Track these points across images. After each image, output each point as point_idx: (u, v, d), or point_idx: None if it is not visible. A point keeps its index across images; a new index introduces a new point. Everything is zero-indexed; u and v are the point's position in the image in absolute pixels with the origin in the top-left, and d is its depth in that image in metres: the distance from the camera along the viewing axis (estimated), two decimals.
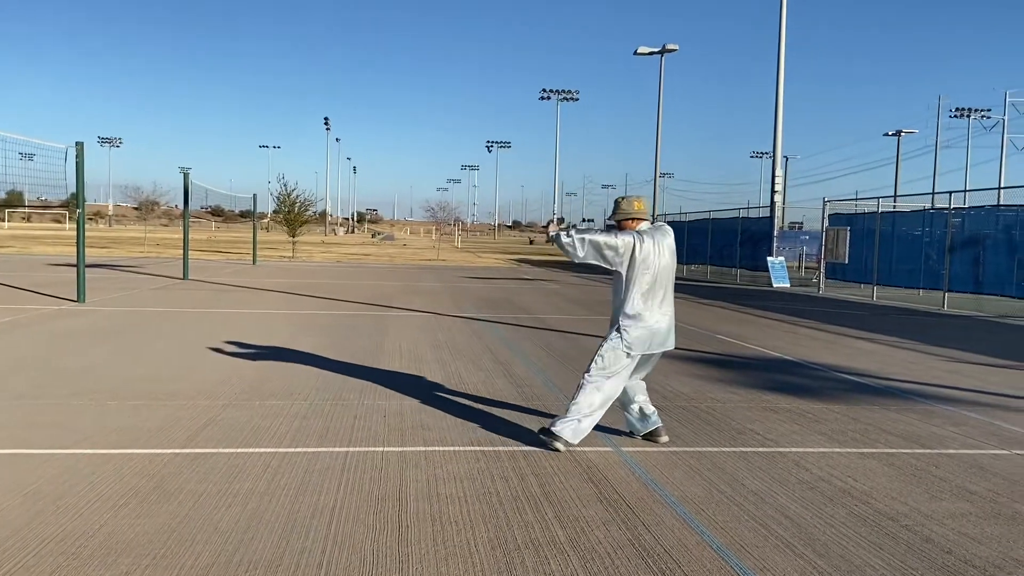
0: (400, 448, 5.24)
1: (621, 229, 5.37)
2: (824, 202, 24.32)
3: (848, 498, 4.50)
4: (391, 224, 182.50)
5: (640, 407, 5.52)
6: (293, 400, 6.58)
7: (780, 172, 35.53)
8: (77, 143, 13.37)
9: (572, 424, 5.23)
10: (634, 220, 5.39)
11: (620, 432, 5.77)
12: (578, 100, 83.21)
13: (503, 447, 5.35)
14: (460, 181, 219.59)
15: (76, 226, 13.83)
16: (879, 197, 22.43)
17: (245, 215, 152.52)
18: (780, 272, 25.72)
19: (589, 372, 5.28)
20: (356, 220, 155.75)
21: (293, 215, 39.71)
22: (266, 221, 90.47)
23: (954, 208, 19.34)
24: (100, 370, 7.66)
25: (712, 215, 32.63)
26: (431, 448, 5.26)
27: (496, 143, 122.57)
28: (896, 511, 4.30)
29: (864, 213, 23.49)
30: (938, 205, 21.54)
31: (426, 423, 5.93)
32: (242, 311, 13.47)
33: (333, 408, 6.34)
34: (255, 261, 31.13)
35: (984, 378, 8.84)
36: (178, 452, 5.00)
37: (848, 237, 22.68)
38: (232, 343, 9.62)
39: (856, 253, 22.80)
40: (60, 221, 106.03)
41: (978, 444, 5.83)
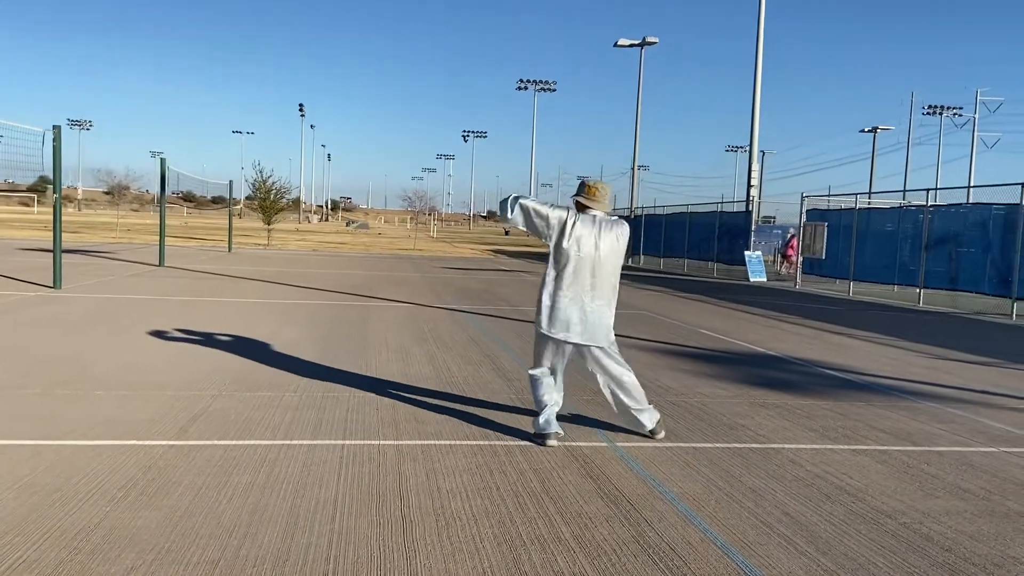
0: (396, 441, 5.21)
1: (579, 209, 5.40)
2: (802, 197, 24.53)
3: (845, 495, 4.55)
4: (365, 212, 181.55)
5: (617, 410, 5.55)
6: (283, 391, 6.52)
7: (756, 166, 35.82)
8: (54, 127, 13.13)
9: (544, 415, 5.33)
10: (586, 203, 5.38)
11: (614, 427, 5.79)
12: (555, 91, 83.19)
13: (498, 441, 5.34)
14: (435, 170, 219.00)
15: (53, 211, 13.60)
16: (856, 193, 22.67)
17: (217, 201, 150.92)
18: (757, 266, 25.93)
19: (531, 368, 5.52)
20: (330, 208, 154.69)
21: (269, 202, 39.35)
22: (239, 208, 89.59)
23: (931, 205, 19.58)
24: (83, 359, 7.54)
25: (690, 208, 32.79)
26: (427, 442, 5.24)
27: (472, 132, 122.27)
28: (893, 508, 4.35)
29: (841, 209, 23.72)
30: (914, 202, 21.80)
31: (419, 416, 5.91)
32: (223, 300, 13.33)
33: (324, 400, 6.29)
34: (230, 248, 30.83)
35: (964, 375, 8.97)
36: (172, 444, 4.93)
37: (825, 233, 22.90)
38: (216, 332, 9.52)
39: (832, 248, 23.04)
40: (28, 204, 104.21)
41: (965, 441, 5.91)
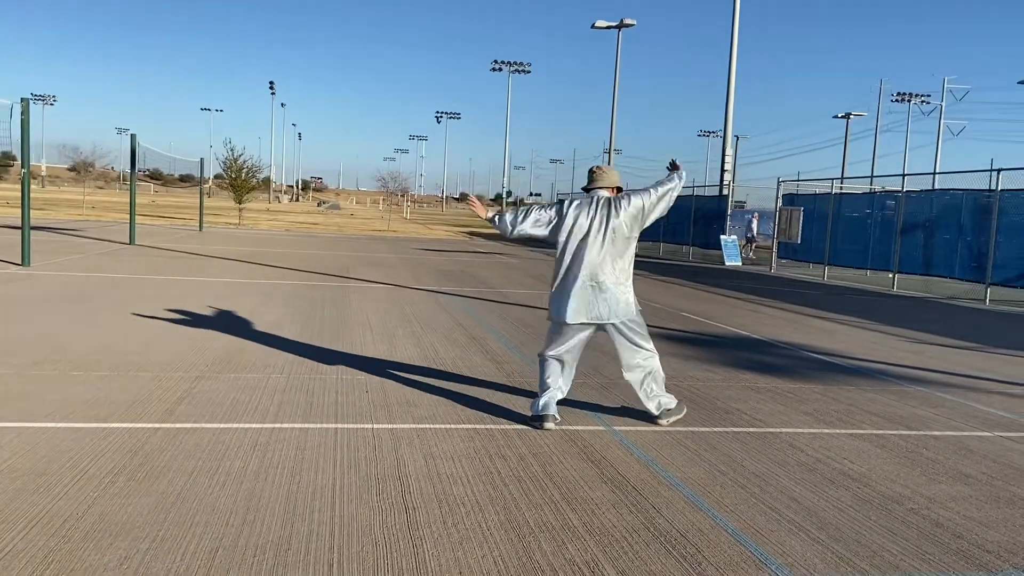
0: (390, 425, 5.08)
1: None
2: (778, 182, 24.61)
3: (849, 480, 4.50)
4: (336, 193, 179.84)
5: (639, 394, 5.45)
6: (269, 373, 6.35)
7: (730, 151, 35.91)
8: (22, 100, 12.73)
9: (544, 398, 5.25)
10: (591, 185, 5.38)
11: (608, 410, 5.71)
12: (530, 73, 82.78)
13: (493, 425, 5.23)
14: (408, 151, 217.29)
15: (21, 186, 13.20)
16: (832, 179, 22.77)
17: (185, 180, 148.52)
18: (732, 250, 26.01)
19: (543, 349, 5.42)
20: (301, 188, 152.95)
21: (240, 181, 38.72)
22: (209, 187, 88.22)
23: (905, 191, 19.72)
24: (58, 338, 7.30)
25: None
26: (422, 425, 5.11)
27: (446, 114, 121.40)
28: (899, 494, 4.31)
29: (815, 194, 23.83)
30: (888, 188, 21.94)
31: (411, 399, 5.77)
32: (199, 279, 13.06)
33: (312, 382, 6.13)
34: (202, 227, 30.31)
35: (947, 359, 9.01)
36: (158, 427, 4.76)
37: (801, 217, 23.00)
38: (195, 312, 9.29)
39: (807, 233, 23.15)
40: None
41: (960, 426, 5.91)
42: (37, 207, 40.01)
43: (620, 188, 5.41)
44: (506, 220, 5.33)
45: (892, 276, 19.68)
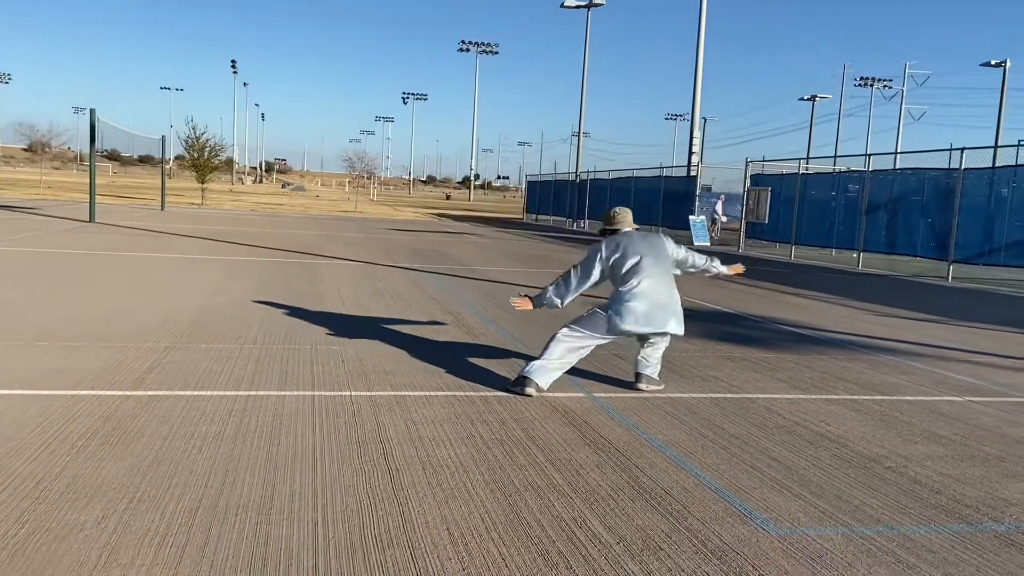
0: (368, 392, 5.02)
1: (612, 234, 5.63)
2: (747, 163, 24.76)
3: (827, 441, 4.54)
4: (301, 175, 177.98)
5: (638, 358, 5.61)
6: (241, 344, 6.25)
7: (698, 134, 36.10)
8: None
9: (543, 369, 5.17)
10: (614, 227, 5.67)
11: (587, 374, 5.70)
12: (497, 54, 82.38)
13: (473, 392, 5.19)
14: (374, 133, 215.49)
15: None
16: (799, 159, 22.96)
17: (144, 161, 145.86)
18: (701, 231, 26.17)
19: (566, 327, 5.36)
20: (264, 169, 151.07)
21: (203, 160, 38.11)
22: (170, 167, 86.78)
23: (871, 171, 19.94)
24: (19, 310, 7.11)
25: (635, 174, 32.87)
26: (401, 393, 5.06)
27: (412, 95, 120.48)
28: (876, 453, 4.35)
29: (782, 175, 24.03)
30: (854, 168, 22.18)
31: (388, 368, 5.71)
32: (163, 255, 12.83)
33: (286, 352, 6.05)
34: (163, 207, 29.80)
35: (915, 331, 9.14)
36: (128, 394, 4.65)
37: (768, 198, 23.19)
38: (160, 286, 9.12)
39: (774, 213, 23.35)
40: None
41: (930, 391, 5.99)
42: None
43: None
44: (555, 300, 5.49)
45: (857, 255, 19.93)
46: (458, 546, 2.93)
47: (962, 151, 17.05)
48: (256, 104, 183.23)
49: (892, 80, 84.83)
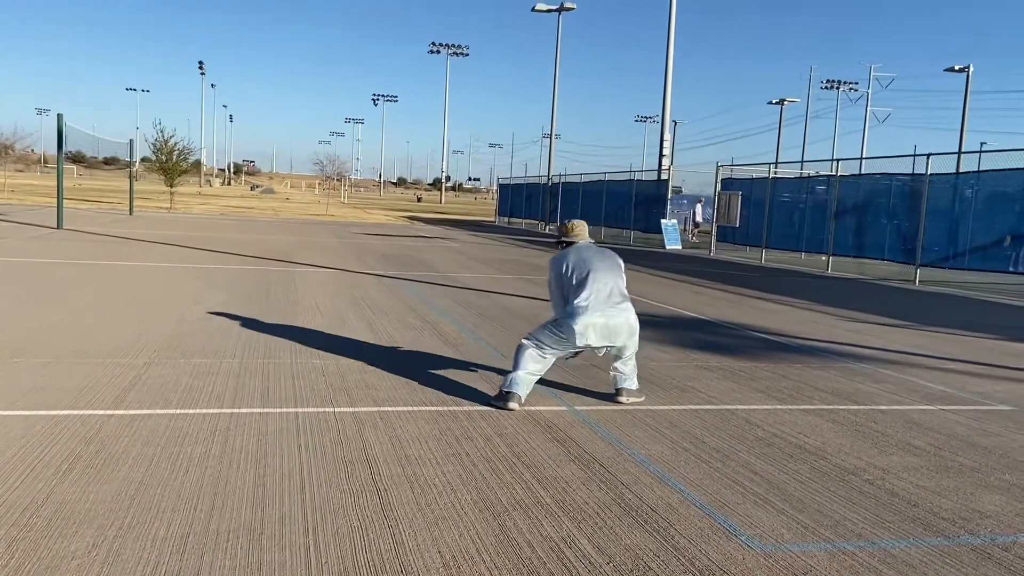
0: (352, 409, 5.02)
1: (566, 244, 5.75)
2: (717, 167, 25.00)
3: (806, 454, 4.62)
4: (270, 177, 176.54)
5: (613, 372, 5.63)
6: (221, 358, 6.22)
7: (668, 136, 36.35)
8: None
9: (521, 382, 5.23)
10: (571, 239, 5.76)
11: (567, 387, 5.75)
12: (468, 56, 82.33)
13: (456, 407, 5.22)
14: (344, 134, 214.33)
15: None
16: (769, 164, 23.23)
17: (110, 163, 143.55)
18: (673, 234, 26.37)
19: (530, 336, 5.41)
20: (232, 172, 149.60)
21: (171, 164, 37.68)
22: (136, 170, 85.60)
23: (840, 176, 20.23)
24: None
25: (607, 177, 33.05)
26: (383, 408, 5.07)
27: (383, 96, 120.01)
28: (854, 466, 4.44)
29: (752, 179, 24.29)
30: (823, 173, 22.48)
31: (370, 382, 5.72)
32: (135, 264, 12.69)
33: (266, 367, 6.03)
34: (132, 211, 29.44)
35: (885, 337, 9.31)
36: (111, 414, 4.62)
37: (739, 202, 23.43)
38: (134, 297, 9.03)
39: (745, 217, 23.59)
40: None
41: (903, 400, 6.11)
42: None
43: None
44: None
45: (826, 258, 20.21)
46: (451, 569, 2.96)
47: (928, 156, 17.36)
48: (224, 106, 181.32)
49: (858, 83, 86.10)
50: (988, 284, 16.99)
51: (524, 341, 5.38)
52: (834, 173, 20.44)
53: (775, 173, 23.88)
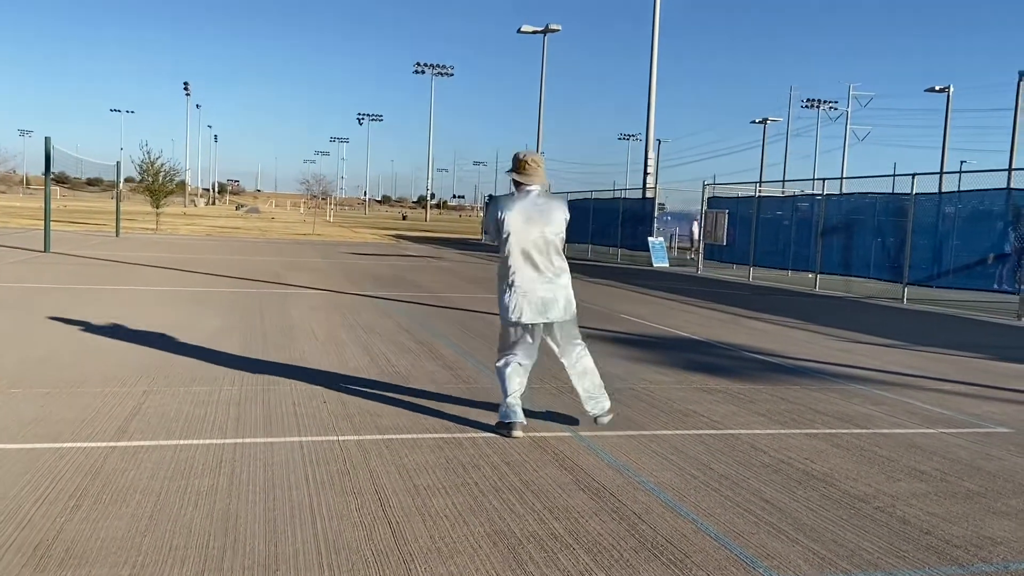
0: (356, 437, 4.99)
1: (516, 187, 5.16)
2: (704, 185, 25.17)
3: (814, 480, 4.62)
4: (255, 196, 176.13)
5: (579, 392, 5.40)
6: (219, 385, 6.17)
7: (652, 154, 36.58)
8: None
9: (517, 406, 5.20)
10: (521, 180, 5.10)
11: (567, 416, 5.73)
12: (452, 75, 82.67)
13: (460, 434, 5.19)
14: (329, 154, 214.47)
15: None
16: (755, 182, 23.40)
17: (93, 183, 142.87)
18: (660, 252, 26.47)
19: (498, 354, 5.34)
20: (217, 191, 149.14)
21: (158, 185, 37.48)
22: (120, 190, 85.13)
23: (826, 194, 20.41)
24: None
25: (594, 195, 33.18)
26: (388, 436, 5.04)
27: (368, 116, 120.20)
28: (863, 492, 4.44)
29: (738, 197, 24.46)
30: (808, 192, 22.67)
31: (371, 409, 5.68)
32: (125, 287, 12.59)
33: (266, 394, 5.98)
34: (118, 233, 29.25)
35: (879, 357, 9.35)
36: (113, 446, 4.56)
37: (726, 220, 23.57)
38: (127, 323, 8.95)
39: (731, 235, 23.72)
40: None
41: (904, 423, 6.14)
42: None
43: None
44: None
45: (814, 276, 20.34)
46: None
47: (913, 176, 17.54)
48: (209, 126, 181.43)
49: (837, 102, 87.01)
50: (973, 302, 17.13)
51: (497, 364, 5.27)
52: (821, 192, 20.60)
53: (759, 192, 24.05)
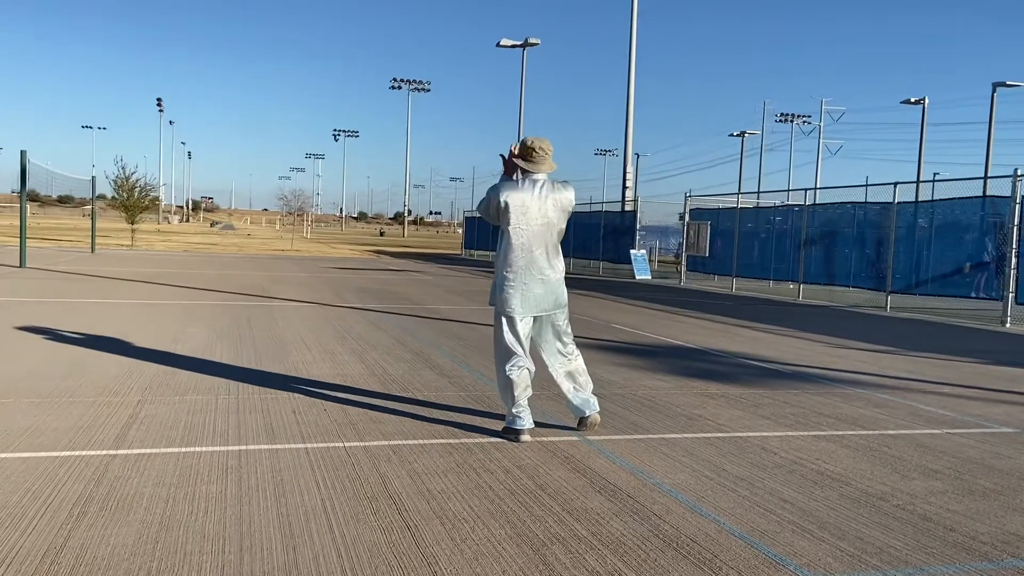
0: (362, 443, 4.87)
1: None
2: (685, 197, 25.26)
3: (830, 480, 4.57)
4: (229, 213, 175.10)
5: (565, 391, 5.32)
6: (215, 395, 6.03)
7: (631, 168, 36.76)
8: None
9: (523, 409, 5.09)
10: (528, 167, 5.09)
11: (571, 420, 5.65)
12: (429, 91, 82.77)
13: (468, 439, 5.09)
14: (305, 170, 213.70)
15: None
16: (737, 193, 23.53)
17: (64, 201, 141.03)
18: (642, 265, 26.52)
19: (497, 365, 5.23)
20: (191, 208, 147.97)
21: (133, 201, 37.10)
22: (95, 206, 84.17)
23: (809, 204, 20.55)
24: None
25: (575, 209, 33.22)
26: (394, 442, 4.93)
27: (344, 132, 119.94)
28: (881, 491, 4.40)
29: (719, 209, 24.58)
30: (790, 203, 22.82)
31: (374, 417, 5.57)
32: (109, 301, 12.37)
33: (264, 403, 5.85)
34: (94, 249, 28.84)
35: (874, 363, 9.37)
36: (113, 453, 4.42)
37: (708, 232, 23.67)
38: (113, 336, 8.77)
39: (713, 247, 23.83)
40: None
41: (909, 424, 6.12)
42: None
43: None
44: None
45: (797, 286, 20.45)
46: None
47: (895, 185, 17.72)
48: (183, 143, 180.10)
49: (810, 116, 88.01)
50: (954, 310, 17.29)
51: (505, 370, 5.10)
52: (803, 202, 20.75)
53: (737, 203, 24.19)
